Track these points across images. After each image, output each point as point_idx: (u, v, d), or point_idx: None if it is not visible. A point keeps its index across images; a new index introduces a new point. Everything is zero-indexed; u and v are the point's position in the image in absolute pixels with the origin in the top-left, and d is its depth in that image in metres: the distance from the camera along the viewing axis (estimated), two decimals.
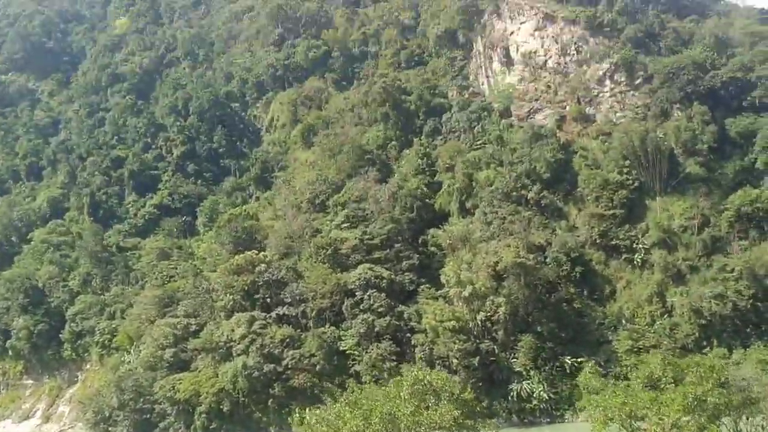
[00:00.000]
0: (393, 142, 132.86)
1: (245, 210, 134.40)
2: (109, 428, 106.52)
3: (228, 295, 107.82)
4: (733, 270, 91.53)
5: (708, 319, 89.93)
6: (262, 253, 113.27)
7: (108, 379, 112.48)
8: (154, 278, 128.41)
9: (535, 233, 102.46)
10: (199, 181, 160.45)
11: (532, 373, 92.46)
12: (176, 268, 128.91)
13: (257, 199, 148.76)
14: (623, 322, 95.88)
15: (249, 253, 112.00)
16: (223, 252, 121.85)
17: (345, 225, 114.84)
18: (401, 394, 46.89)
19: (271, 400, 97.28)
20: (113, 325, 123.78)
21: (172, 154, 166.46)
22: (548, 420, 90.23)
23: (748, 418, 47.96)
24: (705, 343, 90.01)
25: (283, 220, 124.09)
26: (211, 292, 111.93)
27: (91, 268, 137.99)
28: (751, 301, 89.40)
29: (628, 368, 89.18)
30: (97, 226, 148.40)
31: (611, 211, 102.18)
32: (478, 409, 57.24)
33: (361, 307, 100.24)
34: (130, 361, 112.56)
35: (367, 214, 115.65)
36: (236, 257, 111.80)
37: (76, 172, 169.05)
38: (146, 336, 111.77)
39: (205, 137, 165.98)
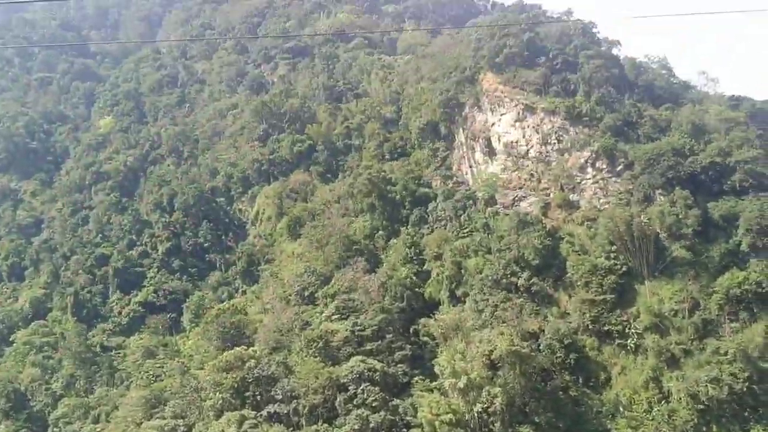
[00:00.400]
0: (380, 232, 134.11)
1: (233, 304, 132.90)
2: None
3: (217, 393, 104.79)
4: (726, 353, 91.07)
5: (705, 403, 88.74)
6: (251, 348, 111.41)
7: None
8: (140, 378, 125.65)
9: (527, 320, 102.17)
10: (185, 277, 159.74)
11: None
12: (162, 367, 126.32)
13: (244, 293, 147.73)
14: (621, 409, 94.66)
15: (238, 348, 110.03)
16: (211, 348, 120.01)
17: (335, 317, 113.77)
18: None
19: None
20: (97, 429, 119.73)
21: (157, 250, 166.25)
22: None
23: None
24: (704, 428, 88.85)
25: (271, 314, 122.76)
26: (200, 391, 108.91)
27: (74, 369, 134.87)
28: (747, 383, 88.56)
29: None
30: (80, 326, 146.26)
31: (602, 297, 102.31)
32: None
33: (354, 402, 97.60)
34: None
35: (357, 305, 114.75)
36: (225, 354, 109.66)
37: (60, 271, 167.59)
38: None
39: (191, 232, 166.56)
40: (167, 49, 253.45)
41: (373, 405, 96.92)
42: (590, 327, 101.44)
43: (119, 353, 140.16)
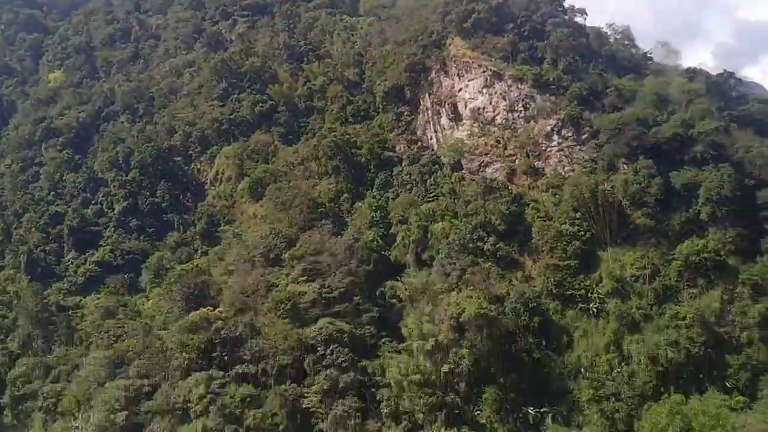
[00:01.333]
0: (345, 195, 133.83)
1: (196, 265, 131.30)
2: None
3: (183, 354, 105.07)
4: (685, 317, 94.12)
5: (664, 366, 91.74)
6: (217, 309, 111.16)
7: None
8: (100, 338, 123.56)
9: (494, 284, 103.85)
10: (142, 237, 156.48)
11: (496, 425, 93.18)
12: (123, 327, 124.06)
13: (204, 254, 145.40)
14: (582, 371, 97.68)
15: (204, 309, 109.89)
16: (174, 309, 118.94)
17: (302, 279, 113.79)
18: None
19: None
20: (58, 389, 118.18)
21: (114, 209, 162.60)
22: None
23: None
24: (663, 389, 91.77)
25: (236, 276, 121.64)
26: (165, 352, 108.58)
27: (31, 329, 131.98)
28: (703, 348, 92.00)
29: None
30: (35, 285, 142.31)
31: (566, 262, 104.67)
32: None
33: (323, 363, 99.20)
34: (78, 427, 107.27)
35: (323, 268, 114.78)
36: (191, 314, 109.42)
37: (11, 229, 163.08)
38: (96, 399, 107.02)
39: (148, 192, 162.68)
40: (119, 1, 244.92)
41: (342, 365, 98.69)
42: (554, 291, 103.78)
43: (77, 313, 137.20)
